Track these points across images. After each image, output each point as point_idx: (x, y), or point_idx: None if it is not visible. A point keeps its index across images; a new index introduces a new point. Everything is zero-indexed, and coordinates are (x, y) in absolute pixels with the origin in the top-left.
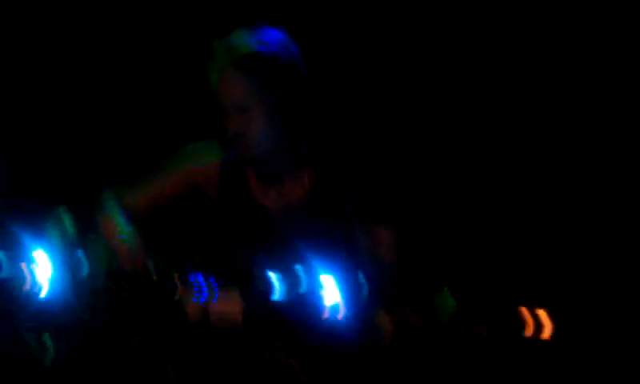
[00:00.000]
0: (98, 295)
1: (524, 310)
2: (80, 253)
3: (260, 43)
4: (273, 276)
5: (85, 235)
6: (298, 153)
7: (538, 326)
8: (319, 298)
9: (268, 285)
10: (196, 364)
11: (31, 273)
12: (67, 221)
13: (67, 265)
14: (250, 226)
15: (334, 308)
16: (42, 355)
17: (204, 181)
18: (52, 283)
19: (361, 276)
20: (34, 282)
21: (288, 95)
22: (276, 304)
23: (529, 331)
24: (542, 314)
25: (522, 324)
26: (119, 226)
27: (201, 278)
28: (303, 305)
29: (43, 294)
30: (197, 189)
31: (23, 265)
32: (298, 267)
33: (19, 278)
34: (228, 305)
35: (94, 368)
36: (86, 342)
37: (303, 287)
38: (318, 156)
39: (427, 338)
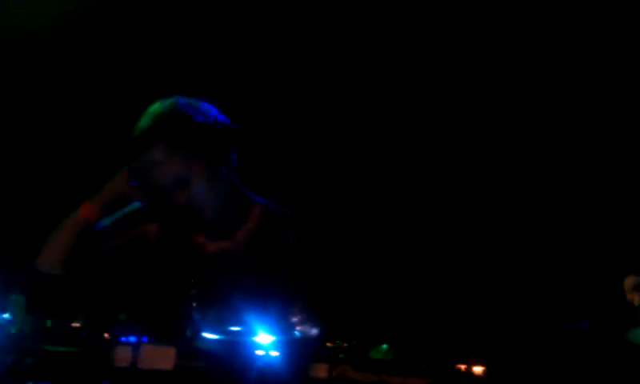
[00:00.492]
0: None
1: (461, 367)
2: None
3: (166, 108)
4: (205, 323)
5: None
6: (241, 203)
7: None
8: (253, 347)
9: (199, 332)
10: None
11: None
12: None
13: None
14: (186, 268)
15: (267, 347)
16: None
17: (143, 225)
18: None
19: (298, 326)
20: None
21: (221, 154)
22: (208, 347)
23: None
24: (478, 370)
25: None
26: None
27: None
28: (237, 354)
29: None
30: (136, 237)
31: None
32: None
33: None
34: (159, 353)
35: None
36: None
37: (238, 338)
38: (261, 201)
39: None
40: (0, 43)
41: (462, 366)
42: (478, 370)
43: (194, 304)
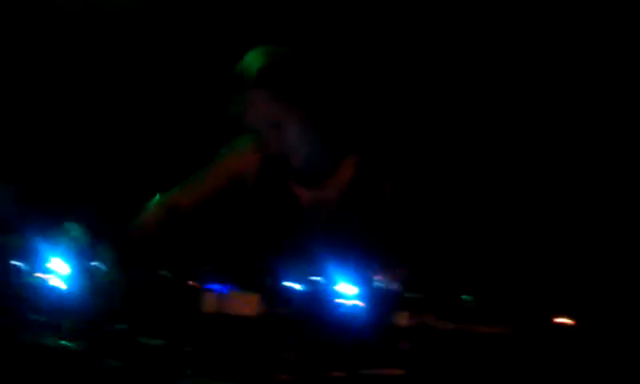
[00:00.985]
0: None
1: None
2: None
3: (272, 57)
4: (292, 284)
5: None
6: (336, 153)
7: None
8: (336, 296)
9: (287, 291)
10: (211, 360)
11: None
12: (77, 232)
13: (83, 268)
14: (279, 219)
15: (351, 306)
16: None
17: (245, 168)
18: (68, 283)
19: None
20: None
21: (315, 100)
22: (291, 295)
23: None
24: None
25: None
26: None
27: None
28: (319, 303)
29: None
30: (237, 178)
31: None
32: (319, 273)
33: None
34: (244, 300)
35: (112, 369)
36: (104, 342)
37: (321, 289)
38: (358, 154)
39: (447, 340)
40: None
41: (546, 318)
42: (561, 321)
43: (284, 254)
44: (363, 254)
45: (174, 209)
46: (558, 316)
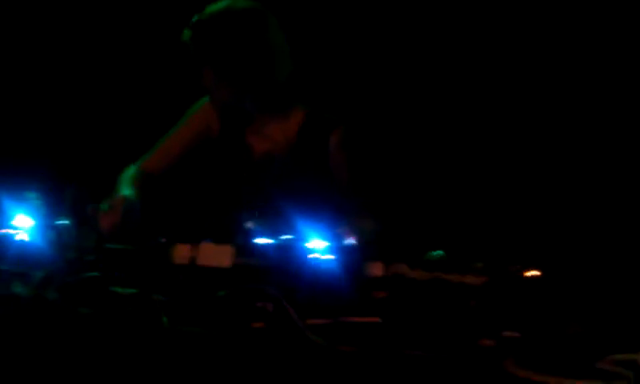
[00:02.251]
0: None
1: (516, 269)
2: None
3: (195, 27)
4: (259, 225)
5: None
6: (284, 107)
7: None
8: (306, 245)
9: (254, 233)
10: (186, 310)
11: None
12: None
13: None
14: (238, 168)
15: (322, 254)
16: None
17: (210, 118)
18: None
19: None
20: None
21: (232, 64)
22: (263, 248)
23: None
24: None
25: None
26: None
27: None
28: (290, 251)
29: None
30: (203, 133)
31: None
32: (283, 216)
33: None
34: (217, 249)
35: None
36: (74, 291)
37: (290, 235)
38: (308, 102)
39: (420, 289)
40: None
41: (517, 268)
42: (533, 272)
43: (247, 206)
44: (318, 204)
45: (150, 173)
46: (527, 267)
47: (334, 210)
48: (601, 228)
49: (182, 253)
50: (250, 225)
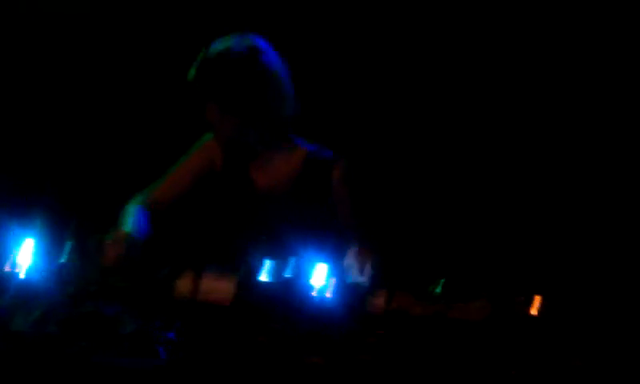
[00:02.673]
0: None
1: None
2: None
3: (200, 66)
4: (262, 261)
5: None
6: (287, 146)
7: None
8: (307, 280)
9: (257, 269)
10: (186, 345)
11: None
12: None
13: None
14: (241, 202)
15: (322, 289)
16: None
17: (214, 153)
18: (32, 268)
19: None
20: (14, 265)
21: (245, 86)
22: (265, 286)
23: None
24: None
25: (517, 308)
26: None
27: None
28: (291, 287)
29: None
30: (207, 167)
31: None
32: (286, 251)
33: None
34: (219, 284)
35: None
36: (71, 325)
37: (290, 270)
38: (308, 140)
39: (422, 321)
40: None
41: (521, 299)
42: (537, 301)
43: (249, 240)
44: (320, 237)
45: (154, 206)
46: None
47: (335, 242)
48: (601, 257)
49: (184, 285)
50: (252, 259)
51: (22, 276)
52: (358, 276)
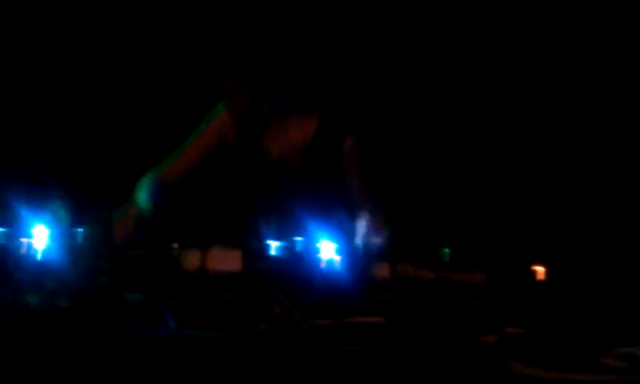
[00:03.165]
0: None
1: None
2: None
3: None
4: (270, 235)
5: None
6: (300, 113)
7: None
8: (315, 252)
9: (265, 242)
10: (194, 314)
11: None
12: (61, 210)
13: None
14: (254, 172)
15: (330, 261)
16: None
17: (226, 125)
18: (48, 250)
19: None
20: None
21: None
22: (273, 258)
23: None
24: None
25: (520, 275)
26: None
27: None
28: (299, 258)
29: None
30: (220, 138)
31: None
32: (295, 227)
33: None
34: (227, 256)
35: (94, 326)
36: (85, 300)
37: (299, 243)
38: (320, 110)
39: (425, 289)
40: None
41: (521, 266)
42: (538, 269)
43: (260, 210)
44: (330, 207)
45: (167, 181)
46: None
47: (345, 212)
48: (603, 226)
49: (192, 258)
50: (262, 229)
51: (36, 247)
52: (367, 247)
